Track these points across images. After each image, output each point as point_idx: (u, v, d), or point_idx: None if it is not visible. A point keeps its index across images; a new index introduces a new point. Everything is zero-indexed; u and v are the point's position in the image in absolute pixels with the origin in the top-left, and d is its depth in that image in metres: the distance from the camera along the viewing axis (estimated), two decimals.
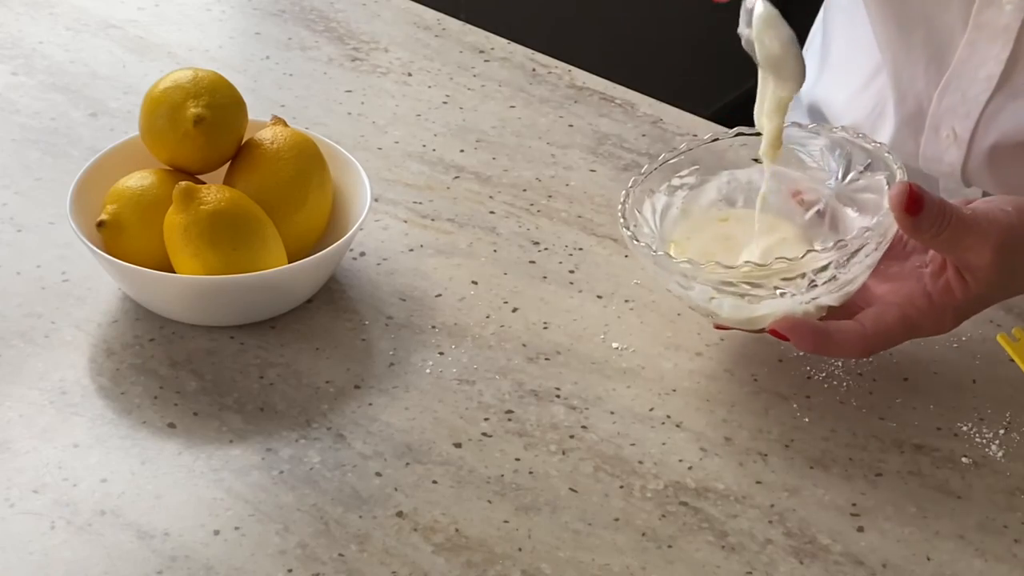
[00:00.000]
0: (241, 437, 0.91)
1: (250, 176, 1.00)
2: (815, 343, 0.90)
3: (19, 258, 1.03)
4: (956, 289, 0.90)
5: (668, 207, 0.97)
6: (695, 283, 0.90)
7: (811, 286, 0.90)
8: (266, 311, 0.98)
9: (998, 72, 1.04)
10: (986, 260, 0.89)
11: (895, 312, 0.91)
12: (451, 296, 1.01)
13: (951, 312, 0.91)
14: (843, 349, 0.91)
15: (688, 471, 0.90)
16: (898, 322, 0.91)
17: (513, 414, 0.93)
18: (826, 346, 0.90)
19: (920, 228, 0.88)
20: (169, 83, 1.01)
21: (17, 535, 0.85)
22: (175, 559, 0.84)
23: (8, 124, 1.14)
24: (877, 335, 0.90)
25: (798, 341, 0.90)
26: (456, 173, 1.12)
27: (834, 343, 0.90)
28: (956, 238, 0.88)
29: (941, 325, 0.92)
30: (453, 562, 0.84)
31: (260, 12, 1.29)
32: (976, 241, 0.88)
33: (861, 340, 0.90)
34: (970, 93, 1.06)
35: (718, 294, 0.91)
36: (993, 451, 0.92)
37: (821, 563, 0.85)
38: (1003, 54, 1.03)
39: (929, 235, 0.88)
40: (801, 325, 0.90)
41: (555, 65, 1.24)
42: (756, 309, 0.91)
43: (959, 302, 0.91)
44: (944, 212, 0.88)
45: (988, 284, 0.90)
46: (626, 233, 0.92)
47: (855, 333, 0.90)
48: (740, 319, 0.92)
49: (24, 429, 0.91)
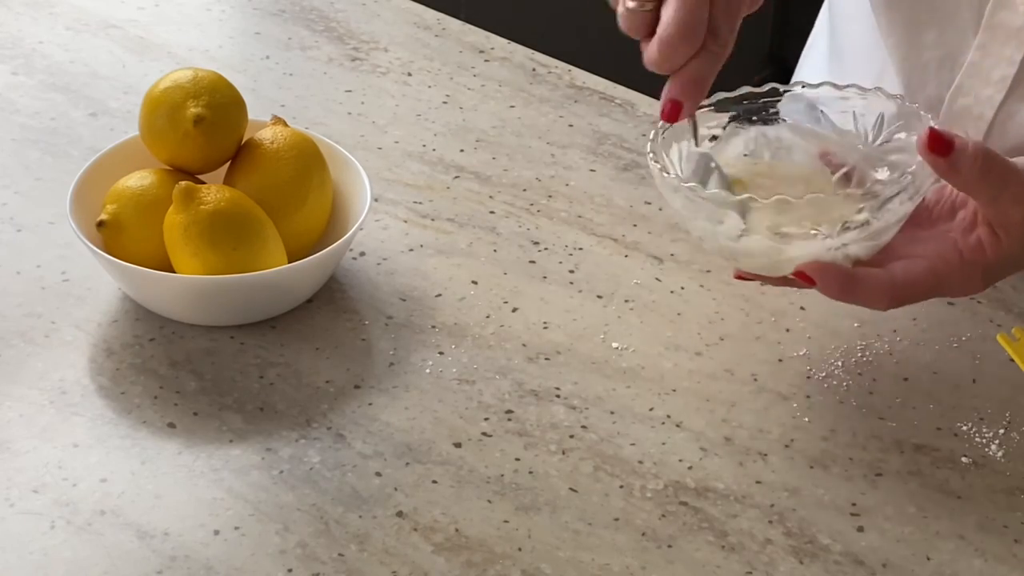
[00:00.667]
0: (241, 437, 0.91)
1: (250, 176, 1.00)
2: (842, 287, 0.88)
3: (19, 258, 1.03)
4: (988, 246, 0.88)
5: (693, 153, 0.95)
6: (726, 217, 0.88)
7: (844, 229, 0.87)
8: (266, 311, 0.98)
9: (1011, 74, 1.03)
10: (1020, 214, 0.87)
11: (924, 264, 0.89)
12: (451, 296, 1.01)
13: (980, 270, 0.89)
14: (869, 296, 0.88)
15: (688, 471, 0.90)
16: (927, 274, 0.89)
17: (513, 414, 0.93)
18: (853, 292, 0.88)
19: (957, 168, 0.85)
20: (169, 83, 1.01)
21: (17, 535, 0.85)
22: (175, 559, 0.84)
23: (8, 124, 1.14)
24: (905, 285, 0.88)
25: (825, 284, 0.88)
26: (456, 173, 1.12)
27: (861, 289, 0.88)
28: (1002, 182, 0.86)
29: (970, 284, 0.90)
30: (453, 562, 0.84)
31: (260, 12, 1.29)
32: (1016, 194, 0.86)
33: (889, 289, 0.88)
34: (983, 95, 1.05)
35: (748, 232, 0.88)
36: (993, 451, 0.92)
37: (821, 563, 0.85)
38: (1016, 56, 1.03)
39: (971, 178, 0.86)
40: (829, 268, 0.88)
41: (555, 65, 1.24)
42: (785, 251, 0.88)
43: (990, 260, 0.89)
44: (986, 154, 0.85)
45: (1021, 241, 0.88)
46: (655, 167, 0.90)
47: (883, 281, 0.88)
48: (767, 262, 0.90)
49: (24, 429, 0.91)
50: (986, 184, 0.86)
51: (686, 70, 0.89)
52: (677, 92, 0.90)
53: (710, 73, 0.90)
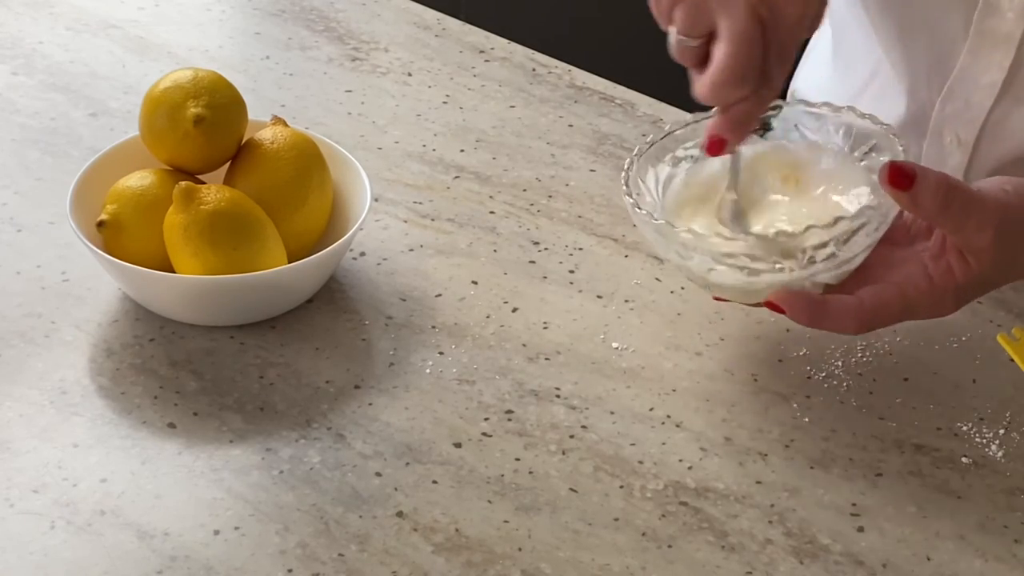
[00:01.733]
0: (241, 437, 0.91)
1: (250, 176, 1.00)
2: (811, 315, 0.89)
3: (19, 258, 1.03)
4: (957, 270, 0.89)
5: (671, 178, 0.97)
6: (695, 254, 0.90)
7: (810, 262, 0.89)
8: (266, 311, 0.98)
9: (1001, 79, 1.04)
10: (988, 240, 0.88)
11: (893, 290, 0.90)
12: (451, 296, 1.01)
13: (951, 294, 0.90)
14: (838, 322, 0.89)
15: (688, 471, 0.90)
16: (896, 299, 0.89)
17: (513, 414, 0.93)
18: (821, 318, 0.89)
19: (919, 202, 0.87)
20: (169, 83, 1.01)
21: (17, 535, 0.85)
22: (175, 559, 0.84)
23: (8, 124, 1.14)
24: (873, 310, 0.89)
25: (794, 312, 0.89)
26: (456, 173, 1.12)
27: (829, 316, 0.89)
28: (964, 214, 0.87)
29: (941, 307, 0.91)
30: (453, 562, 0.84)
31: (260, 12, 1.29)
32: (980, 220, 0.87)
33: (857, 314, 0.89)
34: (973, 100, 1.06)
35: (717, 265, 0.90)
36: (993, 451, 0.92)
37: (821, 563, 0.85)
38: (1005, 61, 1.03)
39: (933, 208, 0.87)
40: (798, 297, 0.89)
41: (555, 65, 1.24)
42: (754, 282, 0.90)
43: (960, 284, 0.89)
44: (947, 185, 0.86)
45: (991, 264, 0.89)
46: (628, 201, 0.92)
47: (851, 307, 0.89)
48: (738, 291, 0.92)
49: (24, 429, 0.91)
50: (949, 215, 0.87)
51: (734, 109, 0.90)
52: (724, 129, 0.91)
53: (758, 113, 0.91)
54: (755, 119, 0.91)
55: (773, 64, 0.89)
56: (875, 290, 0.90)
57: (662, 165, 0.97)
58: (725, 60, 0.87)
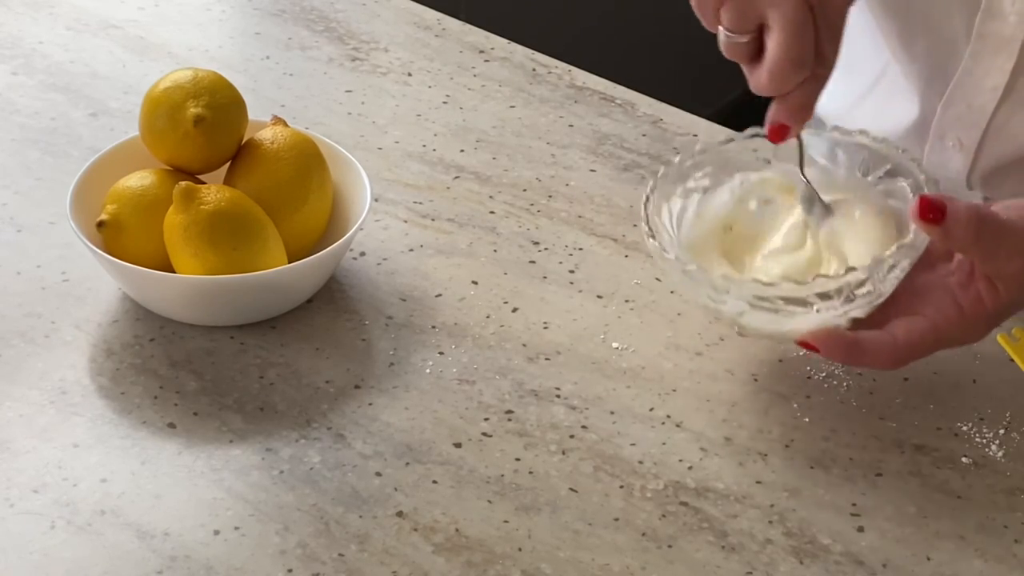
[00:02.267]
0: (241, 437, 0.91)
1: (250, 176, 1.00)
2: (847, 354, 0.89)
3: (19, 258, 1.03)
4: (987, 298, 0.89)
5: (684, 211, 0.96)
6: (728, 297, 0.90)
7: (847, 301, 0.89)
8: (266, 311, 0.98)
9: (1003, 83, 1.04)
10: (1018, 265, 0.87)
11: (925, 324, 0.89)
12: (451, 296, 1.01)
13: (983, 322, 0.90)
14: (875, 360, 0.89)
15: (688, 471, 0.90)
16: (929, 333, 0.89)
17: (513, 414, 0.93)
18: (858, 357, 0.89)
19: (952, 236, 0.86)
20: (169, 83, 1.01)
21: (17, 535, 0.85)
22: (175, 559, 0.84)
23: (8, 124, 1.14)
24: (908, 346, 0.89)
25: (830, 352, 0.89)
26: (456, 173, 1.12)
27: (866, 353, 0.89)
28: (995, 244, 0.87)
29: (972, 336, 0.91)
30: (453, 562, 0.84)
31: (260, 12, 1.29)
32: (1012, 247, 0.87)
33: (892, 351, 0.89)
34: (976, 103, 1.05)
35: (751, 309, 0.90)
36: (993, 451, 0.92)
37: (821, 563, 0.85)
38: (1008, 64, 1.03)
39: (965, 241, 0.87)
40: (833, 336, 0.89)
41: (555, 65, 1.24)
42: (787, 323, 0.90)
43: (990, 312, 0.89)
44: (979, 216, 0.86)
45: (1020, 289, 0.89)
46: (652, 244, 0.91)
47: (886, 344, 0.89)
48: (772, 333, 0.91)
49: (24, 429, 0.91)
50: (981, 246, 0.87)
51: (794, 95, 0.90)
52: (785, 116, 0.91)
53: (816, 96, 0.91)
54: (815, 101, 0.91)
55: (825, 44, 0.89)
56: (907, 325, 0.89)
57: (675, 199, 0.96)
58: (781, 49, 0.87)
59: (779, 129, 0.91)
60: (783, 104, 0.90)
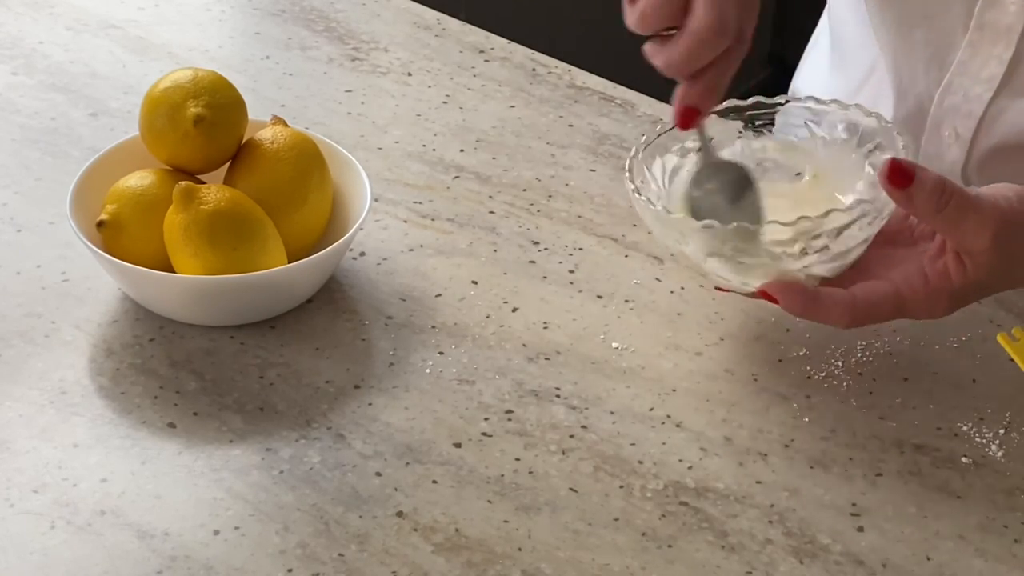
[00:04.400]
0: (241, 437, 0.91)
1: (250, 176, 1.00)
2: (803, 306, 0.90)
3: (19, 258, 1.03)
4: (953, 273, 0.90)
5: (679, 168, 0.97)
6: (690, 242, 0.90)
7: (803, 253, 0.89)
8: (266, 311, 0.98)
9: (1000, 73, 1.04)
10: (985, 244, 0.88)
11: (887, 287, 0.90)
12: (451, 296, 1.01)
13: (945, 296, 0.90)
14: (829, 314, 0.90)
15: (688, 471, 0.90)
16: (889, 297, 0.90)
17: (513, 414, 0.93)
18: (813, 310, 0.90)
19: (915, 201, 0.87)
20: (169, 83, 1.01)
21: (17, 535, 0.85)
22: (175, 559, 0.84)
23: (8, 124, 1.14)
24: (866, 305, 0.90)
25: (786, 302, 0.90)
26: (456, 173, 1.12)
27: (821, 307, 0.90)
28: (959, 216, 0.87)
29: (934, 309, 0.91)
30: (453, 562, 0.84)
31: (260, 12, 1.29)
32: (977, 223, 0.87)
33: (850, 309, 0.90)
34: (972, 93, 1.06)
35: (712, 256, 0.90)
36: (993, 451, 0.92)
37: (821, 563, 0.85)
38: (1006, 54, 1.03)
39: (928, 210, 0.87)
40: (790, 287, 0.90)
41: (555, 65, 1.24)
42: (747, 273, 0.91)
43: (955, 287, 0.90)
44: (944, 187, 0.87)
45: (988, 270, 0.89)
46: (629, 187, 0.92)
47: (843, 300, 0.90)
48: (735, 279, 0.92)
49: (24, 429, 0.91)
50: (943, 216, 0.88)
51: (707, 74, 0.89)
52: (696, 98, 0.90)
53: (728, 77, 0.90)
54: (726, 83, 0.90)
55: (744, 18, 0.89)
56: (869, 286, 0.90)
57: (670, 155, 0.97)
58: (703, 15, 0.87)
59: (687, 113, 0.91)
60: (692, 86, 0.90)
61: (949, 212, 0.87)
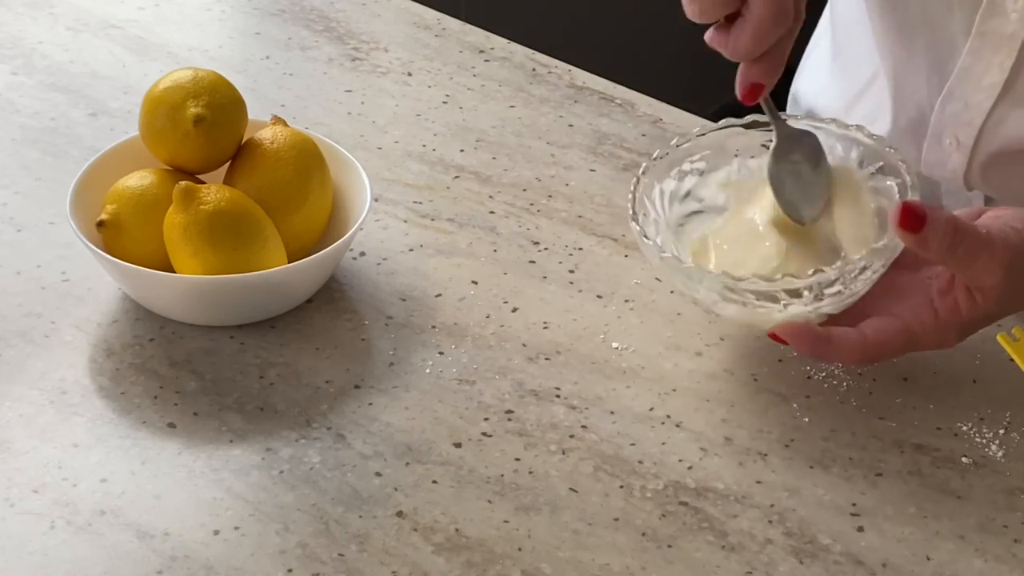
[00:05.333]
0: (241, 437, 0.91)
1: (250, 176, 1.00)
2: (814, 348, 0.90)
3: (19, 258, 1.03)
4: (963, 307, 0.90)
5: (677, 191, 0.97)
6: (700, 287, 0.91)
7: (816, 299, 0.90)
8: (266, 311, 0.98)
9: (1001, 80, 1.04)
10: (997, 279, 0.88)
11: (898, 324, 0.91)
12: (451, 296, 1.01)
13: (956, 328, 0.91)
14: (841, 355, 0.91)
15: (688, 471, 0.90)
16: (900, 334, 0.91)
17: (513, 414, 0.93)
18: (825, 351, 0.90)
19: (927, 245, 0.87)
20: (169, 83, 1.01)
21: (17, 535, 0.85)
22: (175, 559, 0.84)
23: (8, 124, 1.14)
24: (877, 344, 0.90)
25: (798, 345, 0.91)
26: (456, 173, 1.12)
27: (833, 349, 0.90)
28: (971, 256, 0.88)
29: (944, 341, 0.92)
30: (453, 562, 0.84)
31: (260, 12, 1.29)
32: (989, 259, 0.88)
33: (860, 348, 0.90)
34: (973, 101, 1.05)
35: (722, 300, 0.91)
36: (993, 451, 0.92)
37: (821, 563, 0.85)
38: (1007, 62, 1.03)
39: (940, 252, 0.87)
40: (801, 330, 0.90)
41: (555, 65, 1.24)
42: (757, 315, 0.91)
43: (965, 320, 0.91)
44: (956, 229, 0.87)
45: (998, 301, 0.90)
46: (636, 229, 0.92)
47: (855, 341, 0.90)
48: (746, 321, 0.93)
49: (24, 429, 0.91)
50: (955, 258, 0.88)
51: (770, 52, 0.90)
52: (759, 75, 0.91)
53: (788, 50, 0.92)
54: (786, 56, 0.92)
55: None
56: (879, 324, 0.91)
57: (668, 180, 0.97)
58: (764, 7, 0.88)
59: (754, 88, 0.92)
60: (759, 63, 0.91)
61: (960, 253, 0.87)
